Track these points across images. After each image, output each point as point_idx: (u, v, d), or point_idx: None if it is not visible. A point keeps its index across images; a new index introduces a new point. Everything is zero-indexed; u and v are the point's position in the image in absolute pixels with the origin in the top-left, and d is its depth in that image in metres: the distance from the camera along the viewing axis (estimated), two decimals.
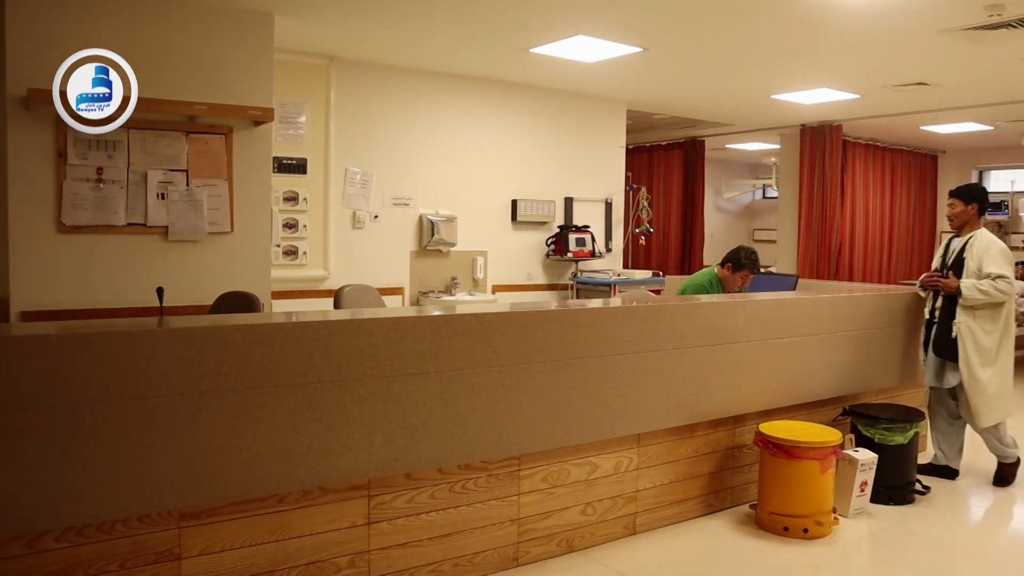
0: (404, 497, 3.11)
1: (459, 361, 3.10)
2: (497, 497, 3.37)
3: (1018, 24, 4.94)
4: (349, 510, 2.99)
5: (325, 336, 2.80)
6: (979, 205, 4.65)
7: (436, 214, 6.72)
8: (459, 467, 3.24)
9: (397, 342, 2.95)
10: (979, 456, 5.66)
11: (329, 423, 2.82)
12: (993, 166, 11.10)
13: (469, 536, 3.31)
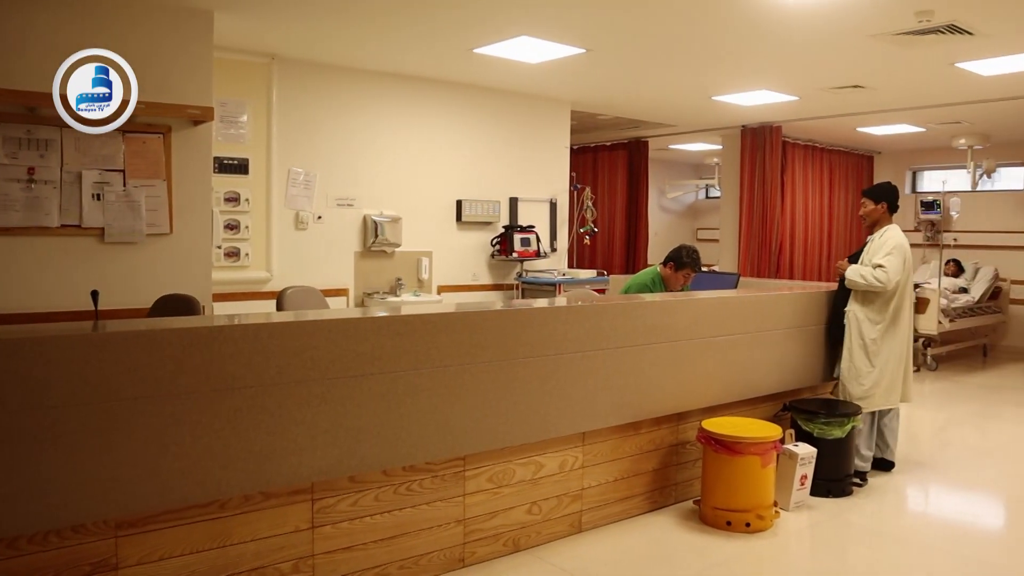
0: (348, 500, 3.09)
1: (402, 362, 3.08)
2: (442, 498, 3.36)
3: (946, 30, 5.08)
4: (292, 514, 2.96)
5: (265, 339, 2.77)
6: (888, 203, 4.82)
7: (381, 215, 6.68)
8: (404, 469, 3.22)
9: (339, 344, 2.93)
10: (915, 447, 5.84)
11: (270, 427, 2.78)
12: (926, 167, 11.42)
13: (415, 538, 3.29)
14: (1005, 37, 5.31)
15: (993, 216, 10.47)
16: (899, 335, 4.69)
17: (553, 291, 7.36)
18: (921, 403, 7.45)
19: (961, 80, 6.55)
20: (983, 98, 7.31)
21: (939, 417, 6.99)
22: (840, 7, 4.70)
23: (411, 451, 3.17)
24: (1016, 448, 5.95)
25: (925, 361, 8.89)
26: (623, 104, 8.25)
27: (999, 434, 6.45)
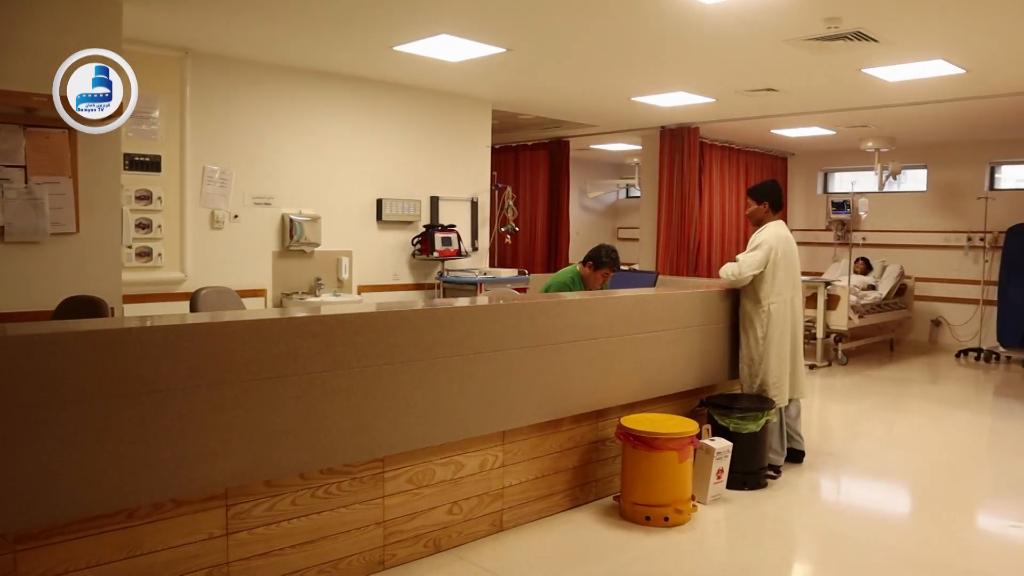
0: (264, 505, 3.03)
1: (319, 363, 3.04)
2: (361, 500, 3.32)
3: (854, 37, 5.26)
4: (206, 521, 2.88)
5: (175, 341, 2.69)
6: (770, 202, 4.98)
7: (299, 214, 6.57)
8: (321, 472, 3.17)
9: (254, 345, 2.86)
10: (827, 439, 6.02)
11: (181, 432, 2.70)
12: (837, 168, 11.80)
13: (333, 541, 3.25)
14: (908, 45, 5.52)
15: (899, 216, 10.89)
16: (783, 330, 4.77)
17: (474, 290, 7.36)
18: (833, 396, 7.70)
19: (868, 85, 6.79)
20: (888, 103, 7.59)
21: (849, 410, 7.23)
22: (754, 12, 4.82)
23: (329, 453, 3.12)
24: (920, 438, 6.20)
25: (836, 356, 9.19)
26: (544, 104, 8.29)
27: (905, 425, 6.71)
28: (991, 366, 9.42)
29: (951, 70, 6.17)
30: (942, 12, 4.82)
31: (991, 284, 9.88)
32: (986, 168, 10.27)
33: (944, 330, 10.56)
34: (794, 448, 5.05)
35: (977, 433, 6.55)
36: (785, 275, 4.77)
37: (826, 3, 4.66)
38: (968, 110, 7.88)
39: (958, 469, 5.38)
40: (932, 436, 6.28)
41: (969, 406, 7.42)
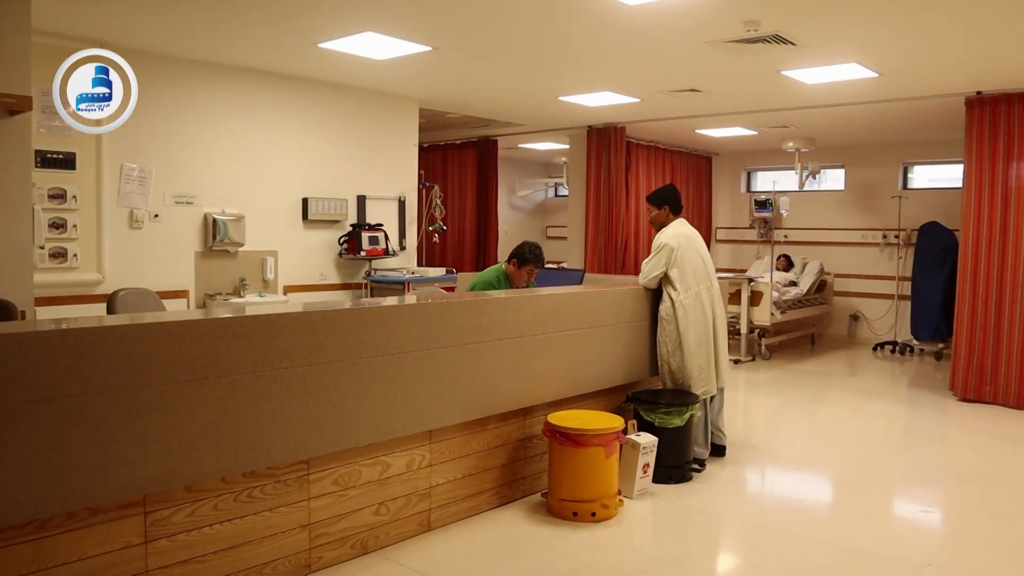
0: (185, 511, 2.96)
1: (241, 365, 2.98)
2: (286, 503, 3.28)
3: (772, 40, 5.39)
4: (123, 530, 2.80)
5: (88, 344, 2.60)
6: (670, 206, 5.10)
7: (222, 213, 6.44)
8: (244, 475, 3.12)
9: (172, 348, 2.80)
10: (751, 432, 6.17)
11: (96, 438, 2.62)
12: (759, 167, 12.08)
13: (258, 546, 3.19)
14: (824, 49, 5.68)
15: (819, 214, 11.21)
16: (697, 324, 4.85)
17: (402, 289, 7.32)
18: (756, 390, 7.89)
19: (787, 87, 6.97)
20: (807, 104, 7.80)
21: (773, 403, 7.41)
22: (675, 14, 4.90)
23: (252, 456, 3.07)
24: (840, 429, 6.40)
25: (760, 351, 9.41)
26: (471, 103, 8.29)
27: (825, 417, 6.92)
28: (906, 358, 9.77)
29: (865, 74, 6.37)
30: (855, 17, 4.98)
31: (905, 280, 10.25)
32: (900, 168, 10.64)
33: (862, 324, 10.91)
34: (715, 443, 5.15)
35: (893, 422, 6.79)
36: (691, 270, 4.86)
37: (745, 6, 4.76)
38: (882, 112, 8.16)
39: (875, 457, 5.56)
40: (851, 426, 6.48)
41: (885, 397, 7.68)
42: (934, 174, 10.74)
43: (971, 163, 7.09)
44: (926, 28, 5.18)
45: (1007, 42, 5.47)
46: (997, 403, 6.98)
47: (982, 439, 6.09)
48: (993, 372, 7.01)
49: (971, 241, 7.10)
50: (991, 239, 7.00)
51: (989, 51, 5.71)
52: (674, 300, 4.82)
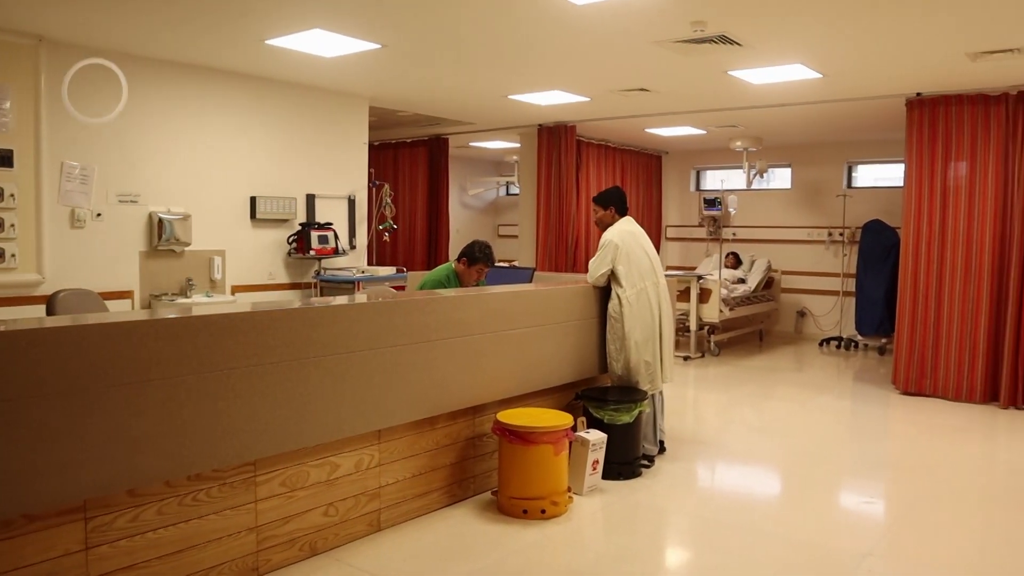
0: (127, 516, 2.90)
1: (185, 366, 2.93)
2: (232, 506, 3.23)
3: (718, 40, 5.46)
4: (62, 537, 2.74)
5: (24, 347, 2.54)
6: (615, 207, 5.15)
7: (168, 212, 6.33)
8: (189, 478, 3.07)
9: (113, 349, 2.74)
10: (701, 427, 6.25)
11: (32, 443, 2.56)
12: (708, 166, 12.24)
13: (203, 550, 3.15)
14: (769, 49, 5.77)
15: (766, 212, 11.39)
16: (644, 320, 4.90)
17: (352, 289, 7.27)
18: (706, 386, 7.98)
19: (734, 87, 7.07)
20: (754, 104, 7.92)
21: (722, 398, 7.51)
22: (623, 14, 4.94)
23: (196, 459, 3.02)
24: (787, 423, 6.50)
25: (709, 347, 9.53)
26: (422, 101, 8.26)
27: (773, 412, 7.02)
28: (851, 353, 9.98)
29: (809, 74, 6.49)
30: (799, 19, 5.07)
31: (849, 277, 10.46)
32: (844, 168, 10.86)
33: (808, 320, 11.12)
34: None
35: (838, 416, 6.92)
36: (636, 267, 4.91)
37: (691, 7, 4.82)
38: (827, 113, 8.32)
39: (821, 451, 5.67)
40: (798, 421, 6.60)
41: (831, 391, 7.83)
42: (877, 173, 10.99)
43: (911, 163, 7.26)
44: (866, 31, 5.30)
45: (943, 45, 5.62)
46: (937, 396, 7.17)
47: (922, 431, 6.25)
48: (933, 366, 7.20)
49: (912, 238, 7.27)
50: (931, 236, 7.18)
51: (927, 54, 5.86)
52: (621, 297, 4.86)
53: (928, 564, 3.68)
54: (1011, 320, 6.76)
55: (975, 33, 5.31)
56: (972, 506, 4.56)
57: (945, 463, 5.35)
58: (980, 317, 6.96)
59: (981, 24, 5.11)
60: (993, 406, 6.89)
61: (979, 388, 6.98)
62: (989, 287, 6.91)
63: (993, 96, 6.88)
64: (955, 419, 6.51)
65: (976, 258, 6.97)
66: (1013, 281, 6.75)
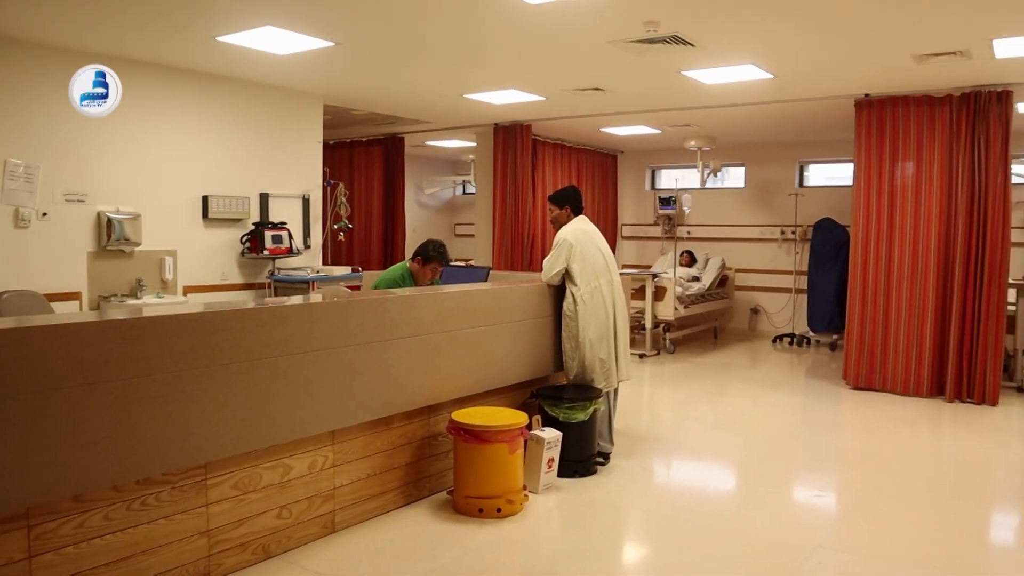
0: (73, 523, 2.84)
1: (132, 369, 2.88)
2: (182, 510, 3.18)
3: (671, 40, 5.51)
4: (4, 545, 2.66)
5: None
6: (571, 206, 5.16)
7: (117, 211, 6.21)
8: (138, 482, 3.01)
9: (56, 352, 2.68)
10: (657, 424, 6.30)
11: None
12: (663, 165, 12.34)
13: (153, 556, 3.09)
14: (721, 50, 5.84)
15: (720, 211, 11.52)
16: (598, 318, 4.91)
17: (307, 289, 7.21)
18: (661, 383, 8.06)
19: (687, 87, 7.13)
20: (707, 104, 8.00)
21: (677, 395, 7.58)
22: (577, 13, 4.95)
23: (145, 463, 2.96)
24: (741, 419, 6.59)
25: (665, 345, 9.61)
26: (377, 100, 8.22)
27: (727, 408, 7.11)
28: (803, 350, 10.14)
29: (761, 75, 6.58)
30: (750, 20, 5.13)
31: (801, 274, 10.62)
32: (796, 167, 11.03)
33: (762, 318, 11.27)
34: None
35: (791, 412, 7.03)
36: (591, 265, 4.92)
37: (644, 7, 4.85)
38: (779, 113, 8.43)
39: (774, 446, 5.75)
40: (751, 416, 6.69)
41: (784, 387, 7.95)
42: (829, 172, 11.17)
43: (860, 162, 7.40)
44: (815, 33, 5.39)
45: (890, 48, 5.73)
46: (886, 390, 7.31)
47: (872, 425, 6.38)
48: (882, 361, 7.34)
49: (861, 236, 7.41)
50: (879, 234, 7.32)
51: (874, 56, 5.97)
52: (575, 296, 4.88)
53: (876, 555, 3.75)
54: (956, 316, 6.93)
55: (920, 36, 5.43)
56: (919, 497, 4.66)
57: (893, 456, 5.46)
58: (927, 313, 7.11)
59: (925, 27, 5.22)
60: (939, 400, 7.05)
61: (926, 382, 7.13)
62: (935, 284, 7.07)
63: (938, 97, 7.04)
64: (903, 413, 6.65)
65: (922, 256, 7.12)
66: (957, 278, 6.92)
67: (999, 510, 4.64)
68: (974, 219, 6.86)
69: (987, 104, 6.77)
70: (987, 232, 6.79)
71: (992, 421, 6.41)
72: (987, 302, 6.80)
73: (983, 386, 6.86)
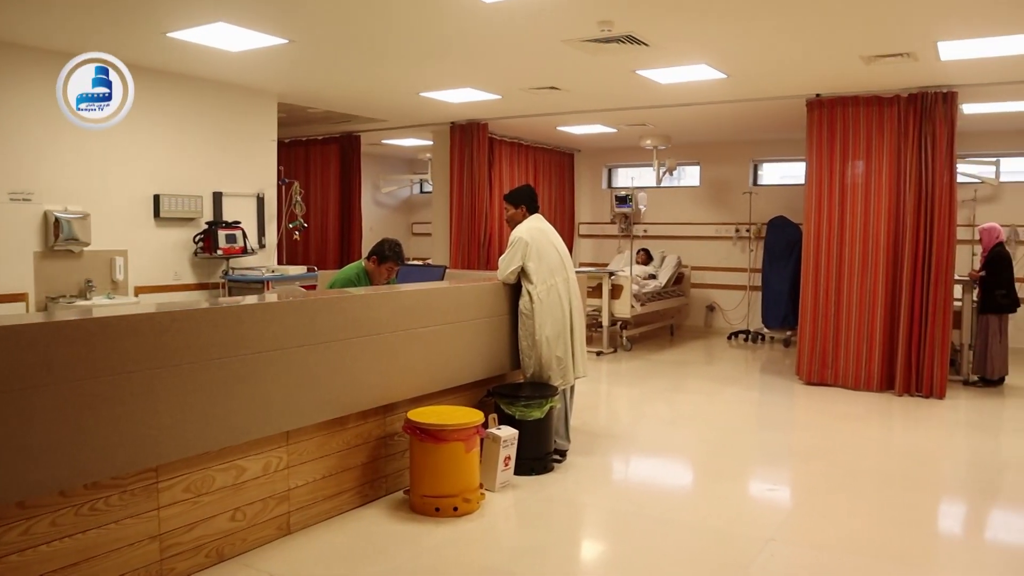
0: (17, 529, 2.77)
1: (79, 371, 2.82)
2: (133, 514, 3.13)
3: (626, 40, 5.54)
4: None
5: None
6: (526, 206, 5.18)
7: (65, 210, 6.08)
8: (86, 487, 2.95)
9: None
10: (614, 421, 6.34)
11: None
12: (619, 164, 12.41)
13: (102, 562, 3.03)
14: (674, 50, 5.89)
15: (676, 209, 11.63)
16: (554, 316, 4.92)
17: (262, 289, 7.12)
18: (618, 381, 8.11)
19: (643, 86, 7.18)
20: (662, 103, 8.06)
21: (634, 392, 7.64)
22: (532, 12, 4.96)
23: (94, 467, 2.91)
24: (697, 415, 6.66)
25: (621, 342, 9.67)
26: (332, 98, 8.15)
27: (684, 404, 7.19)
28: (757, 346, 10.28)
29: (714, 75, 6.65)
30: (702, 21, 5.19)
31: (756, 271, 10.76)
32: (750, 166, 11.17)
33: (717, 315, 11.40)
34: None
35: (746, 407, 7.13)
36: (546, 263, 4.94)
37: (598, 7, 4.88)
38: (732, 112, 8.53)
39: (729, 441, 5.82)
40: (707, 412, 6.76)
41: (739, 383, 8.06)
42: (782, 171, 11.34)
43: (812, 161, 7.52)
44: (767, 34, 5.46)
45: (839, 49, 5.84)
46: (837, 385, 7.44)
47: (824, 419, 6.48)
48: (834, 356, 7.47)
49: (813, 234, 7.53)
50: (830, 232, 7.44)
51: (824, 57, 6.07)
52: (531, 294, 4.89)
53: (827, 546, 3.81)
54: (904, 312, 7.07)
55: (868, 38, 5.54)
56: (869, 489, 4.75)
57: (844, 449, 5.56)
58: (877, 310, 7.25)
59: (873, 29, 5.33)
60: (889, 394, 7.19)
61: (876, 377, 7.27)
62: (884, 281, 7.21)
63: (886, 98, 7.18)
64: (854, 407, 6.77)
65: (872, 253, 7.26)
66: (906, 275, 7.06)
67: (946, 500, 4.76)
68: (921, 217, 7.01)
69: (933, 105, 6.92)
70: (934, 230, 6.94)
71: (939, 414, 6.57)
72: (934, 298, 6.96)
73: (931, 380, 7.01)
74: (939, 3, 4.79)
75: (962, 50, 5.74)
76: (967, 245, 9.10)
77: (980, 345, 7.53)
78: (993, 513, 4.63)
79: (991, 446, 5.92)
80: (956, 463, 5.47)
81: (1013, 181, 9.64)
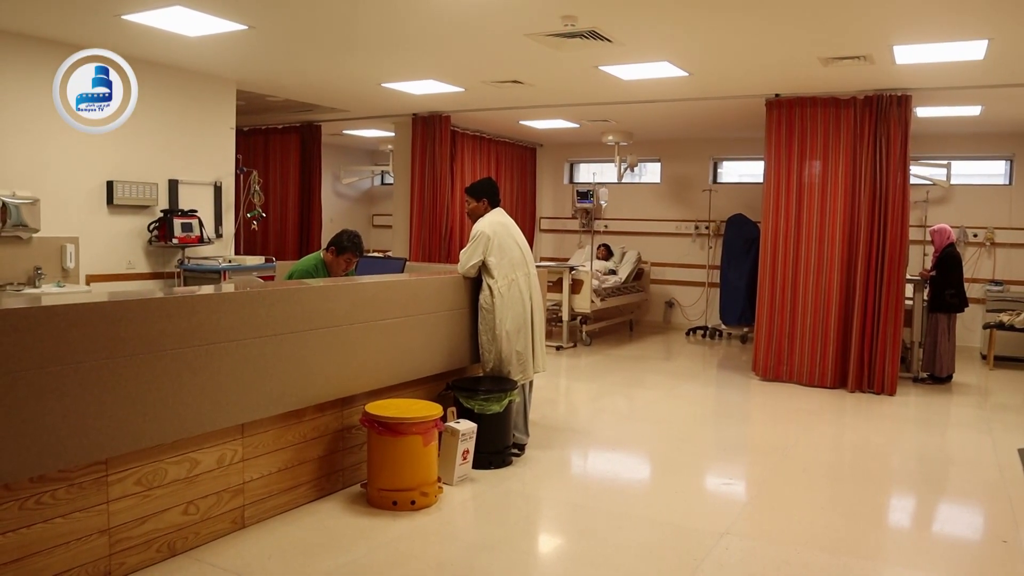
0: None
1: (24, 361, 2.75)
2: (81, 508, 3.06)
3: (589, 35, 5.54)
4: None
5: None
6: (488, 199, 5.17)
7: (13, 196, 5.91)
8: (31, 480, 2.88)
9: None
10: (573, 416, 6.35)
11: None
12: (581, 159, 12.44)
13: (48, 557, 2.96)
14: (637, 46, 5.91)
15: (637, 205, 11.69)
16: (515, 311, 4.92)
17: (218, 278, 7.01)
18: (578, 375, 8.13)
19: (605, 82, 7.19)
20: (624, 99, 8.09)
21: (593, 387, 7.67)
22: (496, 5, 4.95)
23: (39, 460, 2.84)
24: (655, 410, 6.71)
25: (581, 337, 9.70)
26: (292, 86, 8.05)
27: (642, 399, 7.23)
28: (715, 342, 10.38)
29: (676, 72, 6.68)
30: (665, 19, 5.22)
31: (714, 268, 10.87)
32: (710, 163, 11.26)
33: (676, 311, 11.49)
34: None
35: (703, 402, 7.20)
36: (508, 258, 4.93)
37: (562, 2, 4.87)
38: (693, 110, 8.59)
39: (686, 436, 5.87)
40: (665, 407, 6.81)
41: (696, 379, 8.13)
42: (742, 169, 11.45)
43: (770, 160, 7.60)
44: (727, 33, 5.51)
45: (798, 50, 5.91)
46: (792, 381, 7.55)
47: (779, 415, 6.57)
48: (789, 353, 7.57)
49: (770, 232, 7.62)
50: (787, 231, 7.54)
51: (783, 57, 6.14)
52: (492, 288, 4.88)
53: (780, 539, 3.86)
54: (858, 310, 7.19)
55: (826, 40, 5.61)
56: (822, 483, 4.82)
57: (798, 444, 5.64)
58: (831, 308, 7.36)
59: (831, 32, 5.40)
60: (842, 390, 7.31)
61: (830, 374, 7.39)
62: (839, 279, 7.32)
63: (843, 99, 7.28)
64: (808, 403, 6.87)
65: (828, 252, 7.36)
66: (860, 274, 7.18)
67: (895, 494, 4.84)
68: (875, 217, 7.12)
69: (888, 107, 7.03)
70: (887, 230, 7.06)
71: (890, 410, 6.69)
72: (887, 297, 7.08)
73: (882, 377, 7.14)
74: (895, 8, 4.86)
75: (916, 54, 5.84)
76: (919, 245, 9.28)
77: (929, 343, 7.69)
78: (940, 506, 4.74)
79: (938, 441, 6.05)
80: (905, 457, 5.57)
81: (964, 184, 9.84)
